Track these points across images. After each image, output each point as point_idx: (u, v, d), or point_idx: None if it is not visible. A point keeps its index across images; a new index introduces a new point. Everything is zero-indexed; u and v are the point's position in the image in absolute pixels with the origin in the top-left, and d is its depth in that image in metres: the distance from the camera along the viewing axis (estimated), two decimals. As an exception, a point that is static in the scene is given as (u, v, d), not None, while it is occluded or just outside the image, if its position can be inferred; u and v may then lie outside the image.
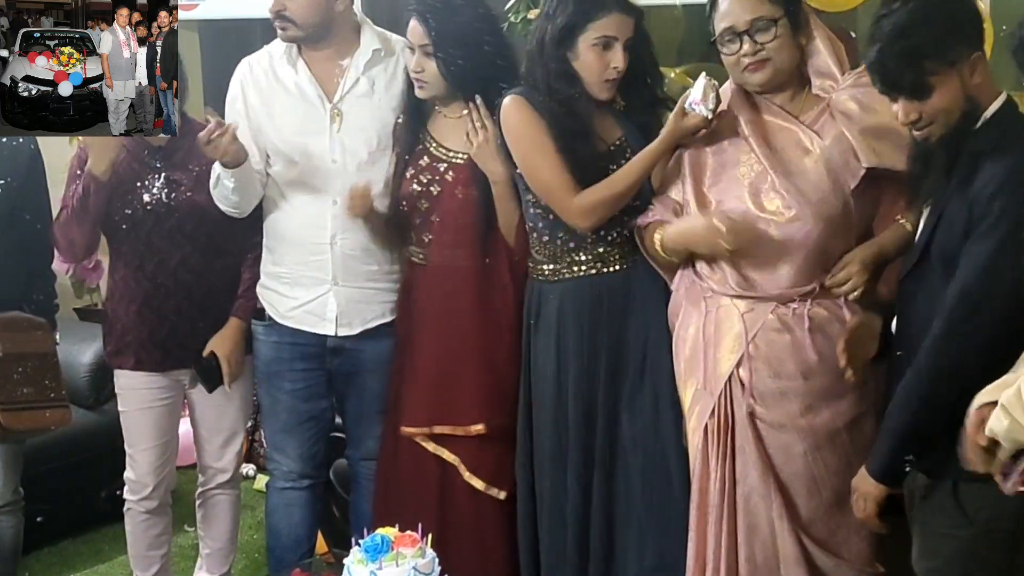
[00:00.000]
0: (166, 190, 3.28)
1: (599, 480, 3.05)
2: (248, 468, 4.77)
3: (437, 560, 2.40)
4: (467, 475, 3.18)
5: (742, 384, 2.72)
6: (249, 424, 4.77)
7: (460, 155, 3.14)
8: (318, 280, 3.25)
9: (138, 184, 3.27)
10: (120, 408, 3.49)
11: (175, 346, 3.36)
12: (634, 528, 3.01)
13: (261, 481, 4.71)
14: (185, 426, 4.91)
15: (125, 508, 3.54)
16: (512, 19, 4.10)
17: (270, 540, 3.62)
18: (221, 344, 3.34)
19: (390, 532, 2.41)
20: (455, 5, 3.06)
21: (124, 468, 4.34)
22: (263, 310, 3.37)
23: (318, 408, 3.45)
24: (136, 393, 3.43)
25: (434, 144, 3.17)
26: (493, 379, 3.18)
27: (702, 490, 2.79)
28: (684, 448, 2.89)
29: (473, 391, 3.17)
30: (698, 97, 2.72)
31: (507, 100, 2.96)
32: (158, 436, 3.48)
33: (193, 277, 3.33)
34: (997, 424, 2.03)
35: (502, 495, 3.20)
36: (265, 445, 3.93)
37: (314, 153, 3.21)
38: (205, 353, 3.33)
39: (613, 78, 2.89)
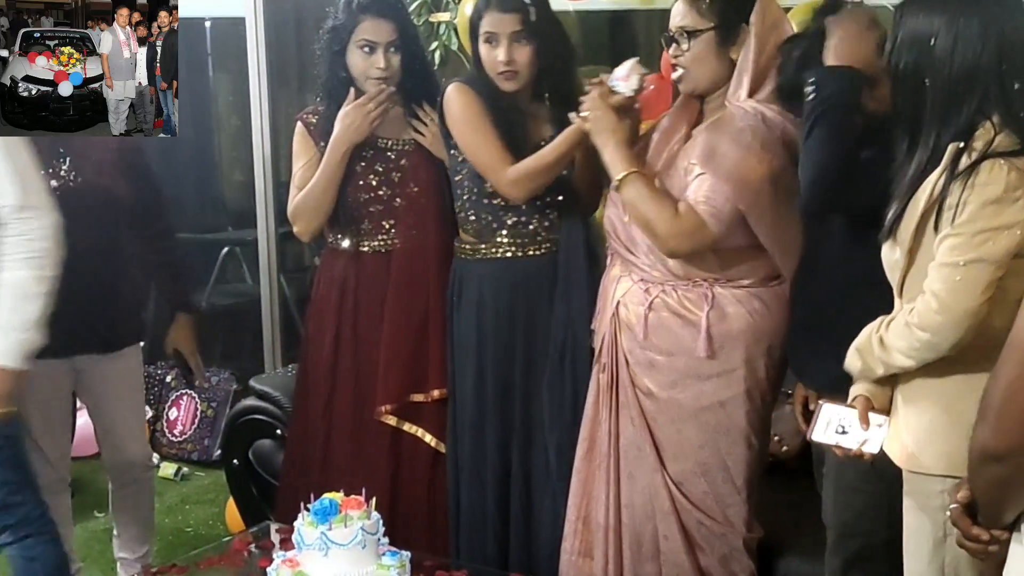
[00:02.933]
0: (73, 173, 3.24)
1: (517, 449, 3.22)
2: (151, 456, 4.79)
3: (381, 521, 2.51)
4: (434, 442, 3.31)
5: (624, 347, 2.93)
6: (151, 414, 4.78)
7: (405, 142, 3.28)
8: None
9: (43, 172, 3.13)
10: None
11: (84, 329, 3.30)
12: (549, 502, 3.17)
13: (167, 469, 4.73)
14: (85, 416, 4.89)
15: None
16: (414, 22, 4.19)
17: None
18: (180, 341, 3.37)
19: (337, 496, 2.50)
20: (403, 2, 3.22)
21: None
22: None
23: None
24: (36, 385, 3.25)
25: (375, 138, 3.27)
26: (445, 350, 3.30)
27: (592, 437, 3.00)
28: None
29: (437, 360, 3.29)
30: (621, 75, 2.81)
31: (450, 87, 3.12)
32: (62, 425, 3.48)
33: (100, 259, 3.29)
34: (851, 364, 2.30)
35: None
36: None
37: None
38: (169, 351, 3.32)
39: (502, 71, 3.05)
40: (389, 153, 3.28)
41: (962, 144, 2.08)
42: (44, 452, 3.37)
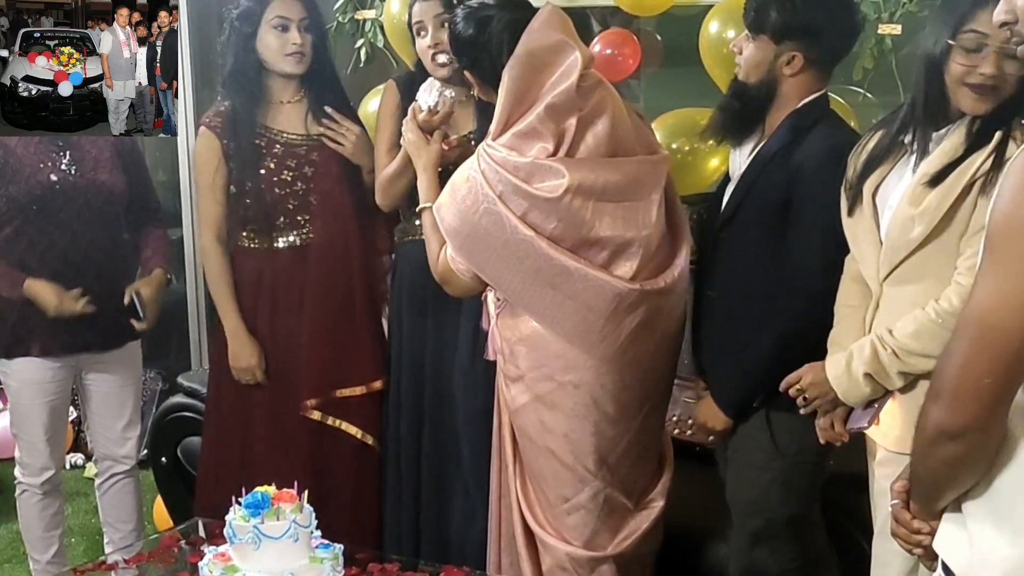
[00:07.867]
0: (73, 167, 3.15)
1: (429, 432, 3.25)
2: (76, 457, 4.71)
3: (314, 514, 2.44)
4: (360, 435, 3.32)
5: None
6: (75, 415, 4.71)
7: (312, 137, 3.24)
8: None
9: (42, 165, 3.13)
10: (14, 400, 3.36)
11: (84, 327, 3.27)
12: (460, 491, 3.17)
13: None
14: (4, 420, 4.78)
15: (19, 493, 3.45)
16: (340, 19, 4.19)
17: None
18: (145, 285, 3.32)
19: (269, 490, 2.43)
20: None
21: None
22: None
23: None
24: (35, 386, 3.31)
25: (282, 134, 3.23)
26: (380, 342, 3.35)
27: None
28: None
29: (368, 352, 3.31)
30: (424, 90, 2.91)
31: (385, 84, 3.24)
32: (57, 424, 3.43)
33: (102, 255, 3.26)
34: (855, 391, 2.35)
35: None
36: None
37: None
38: (127, 298, 3.28)
39: (432, 56, 3.02)
40: (298, 148, 3.23)
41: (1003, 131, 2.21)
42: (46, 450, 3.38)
